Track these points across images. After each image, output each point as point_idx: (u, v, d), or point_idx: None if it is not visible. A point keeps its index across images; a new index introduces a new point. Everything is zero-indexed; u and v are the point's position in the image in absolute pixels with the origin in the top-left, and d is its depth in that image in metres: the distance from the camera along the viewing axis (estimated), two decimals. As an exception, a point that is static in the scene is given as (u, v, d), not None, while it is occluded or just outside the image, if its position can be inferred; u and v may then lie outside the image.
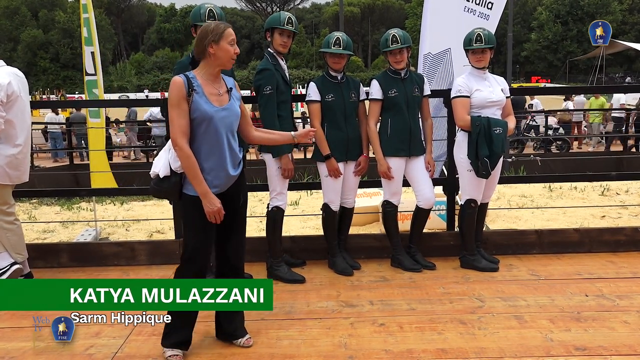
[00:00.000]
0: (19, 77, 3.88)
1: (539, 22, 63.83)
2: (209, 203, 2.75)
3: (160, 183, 2.86)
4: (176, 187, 2.83)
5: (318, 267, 4.25)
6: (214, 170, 2.79)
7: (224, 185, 2.84)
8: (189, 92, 2.71)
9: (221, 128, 2.77)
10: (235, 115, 2.86)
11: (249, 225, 7.26)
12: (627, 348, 2.90)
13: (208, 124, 2.74)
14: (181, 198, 2.87)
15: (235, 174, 2.88)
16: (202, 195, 2.74)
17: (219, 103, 2.80)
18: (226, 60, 2.80)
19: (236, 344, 3.02)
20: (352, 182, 4.20)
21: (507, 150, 11.86)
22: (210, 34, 2.74)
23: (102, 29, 65.03)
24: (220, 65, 2.81)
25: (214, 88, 2.81)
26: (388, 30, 4.13)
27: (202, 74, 2.80)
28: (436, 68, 5.58)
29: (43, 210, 8.78)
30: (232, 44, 2.78)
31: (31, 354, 3.00)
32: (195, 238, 2.85)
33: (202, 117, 2.73)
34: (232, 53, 2.79)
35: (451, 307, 3.49)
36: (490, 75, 4.13)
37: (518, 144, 15.30)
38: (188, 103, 2.71)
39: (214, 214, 2.76)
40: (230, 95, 2.87)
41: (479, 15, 5.53)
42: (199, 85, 2.76)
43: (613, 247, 4.48)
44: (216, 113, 2.75)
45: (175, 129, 2.71)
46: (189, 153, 2.71)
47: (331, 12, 75.58)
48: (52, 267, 4.41)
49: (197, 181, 2.73)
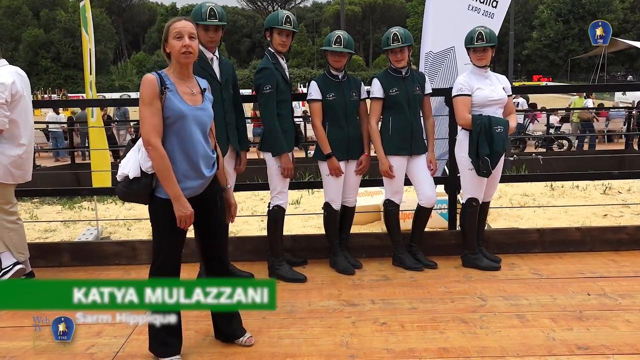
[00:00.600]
0: (21, 76, 3.89)
1: (540, 20, 63.75)
2: (181, 207, 2.62)
3: (130, 185, 2.71)
4: (146, 190, 2.69)
5: (319, 266, 4.25)
6: (187, 172, 2.68)
7: (198, 188, 2.74)
8: (162, 90, 2.61)
9: (195, 127, 2.67)
10: (209, 116, 2.78)
11: (250, 225, 7.28)
12: (629, 347, 2.89)
13: (182, 123, 2.64)
14: (151, 201, 2.73)
15: (210, 175, 2.77)
16: (174, 199, 2.62)
17: (193, 102, 2.71)
18: (177, 57, 2.66)
19: (238, 343, 3.01)
20: (354, 181, 4.19)
21: (509, 149, 11.84)
22: (164, 33, 2.69)
23: (104, 29, 65.15)
24: (178, 63, 2.68)
25: (186, 87, 2.72)
26: (389, 28, 4.12)
27: (172, 73, 2.72)
28: (438, 67, 5.56)
29: (45, 209, 8.79)
30: (177, 37, 2.64)
31: (32, 353, 3.00)
32: (166, 244, 2.75)
33: (176, 115, 2.63)
34: (179, 47, 2.63)
35: (453, 306, 3.48)
36: (491, 73, 4.12)
37: (520, 142, 15.28)
38: (161, 101, 2.61)
39: (185, 218, 2.64)
40: (204, 96, 2.79)
41: (483, 13, 5.51)
42: (172, 83, 2.67)
43: (615, 246, 4.47)
44: (190, 112, 2.66)
45: (148, 128, 2.59)
46: (163, 153, 2.60)
47: (332, 10, 75.53)
48: (54, 266, 4.41)
49: (170, 183, 2.61)
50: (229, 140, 3.81)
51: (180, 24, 2.67)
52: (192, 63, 2.74)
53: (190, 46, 2.65)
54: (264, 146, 3.97)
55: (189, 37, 2.65)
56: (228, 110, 3.79)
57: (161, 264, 2.76)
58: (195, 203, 2.73)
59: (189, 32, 2.66)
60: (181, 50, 2.64)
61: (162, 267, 2.75)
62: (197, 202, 2.74)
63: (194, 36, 2.69)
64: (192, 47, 2.66)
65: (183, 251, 2.85)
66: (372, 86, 4.11)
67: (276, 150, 3.89)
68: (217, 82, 3.71)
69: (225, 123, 3.77)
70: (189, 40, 2.65)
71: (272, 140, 3.88)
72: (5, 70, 3.81)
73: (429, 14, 5.54)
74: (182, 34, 2.64)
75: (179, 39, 2.64)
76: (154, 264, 2.77)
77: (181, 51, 2.64)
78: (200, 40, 3.68)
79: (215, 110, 3.68)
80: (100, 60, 64.38)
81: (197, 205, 2.74)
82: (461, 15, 5.40)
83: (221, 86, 3.73)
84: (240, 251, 4.40)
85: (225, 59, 3.87)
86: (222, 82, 3.74)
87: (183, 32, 2.64)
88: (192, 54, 2.68)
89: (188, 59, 2.68)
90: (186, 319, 3.28)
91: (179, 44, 2.63)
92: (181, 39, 2.64)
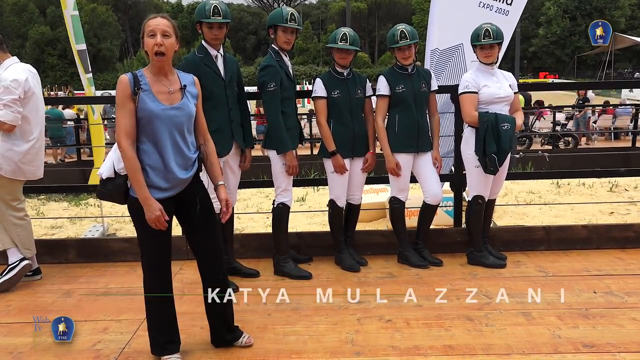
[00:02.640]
0: (33, 73, 3.96)
1: (547, 17, 63.36)
2: (148, 210, 2.58)
3: (105, 185, 2.72)
4: (120, 190, 2.69)
5: (325, 263, 4.25)
6: (158, 172, 2.64)
7: (171, 189, 2.68)
8: (135, 91, 2.57)
9: (167, 128, 2.62)
10: (187, 115, 2.69)
11: (255, 222, 7.30)
12: (635, 345, 2.88)
13: (154, 123, 2.59)
14: (127, 200, 2.71)
15: (184, 177, 2.70)
16: (142, 200, 2.58)
17: (169, 102, 2.64)
18: (151, 56, 2.60)
19: (237, 345, 2.97)
20: (359, 178, 4.19)
21: (515, 147, 11.80)
22: (141, 30, 2.65)
23: (110, 26, 65.31)
24: (153, 61, 2.62)
25: (163, 86, 2.65)
26: (395, 25, 4.10)
27: (150, 72, 2.66)
28: (445, 64, 5.53)
29: (51, 206, 8.83)
30: (151, 35, 2.58)
31: (39, 349, 3.01)
32: (149, 240, 2.71)
33: (148, 116, 2.58)
34: (151, 46, 2.57)
35: (458, 303, 3.48)
36: (498, 70, 4.10)
37: (526, 139, 15.23)
38: (134, 102, 2.57)
39: (153, 221, 2.59)
40: (183, 93, 2.71)
41: (496, 10, 5.41)
42: (146, 83, 2.61)
43: (621, 244, 4.45)
44: (163, 112, 2.60)
45: (119, 130, 2.57)
46: (131, 155, 2.56)
47: (338, 7, 75.35)
48: (60, 262, 4.44)
49: (138, 185, 2.58)
50: (233, 137, 3.81)
51: (154, 21, 2.62)
52: (166, 64, 2.66)
53: (163, 45, 2.58)
54: (268, 144, 3.97)
55: (161, 35, 2.59)
56: (232, 108, 3.79)
57: (149, 256, 2.74)
58: (173, 203, 2.72)
59: (162, 30, 2.59)
60: (153, 49, 2.58)
61: (151, 259, 2.74)
62: (175, 202, 2.73)
63: (167, 34, 2.61)
64: (164, 45, 2.59)
65: (188, 248, 2.83)
66: (378, 83, 4.10)
67: (281, 147, 3.88)
68: (222, 79, 3.71)
69: (230, 120, 3.77)
70: (160, 39, 2.58)
71: (276, 137, 3.88)
72: (18, 67, 3.87)
73: (435, 10, 5.50)
74: (154, 32, 2.59)
75: (152, 37, 2.59)
76: (143, 256, 2.76)
77: (153, 50, 2.58)
78: (204, 37, 3.69)
79: (220, 108, 3.71)
80: (107, 58, 64.56)
81: (176, 205, 2.74)
82: (471, 12, 5.33)
83: (225, 83, 3.73)
84: (246, 248, 4.42)
85: (229, 56, 3.87)
86: (226, 79, 3.74)
87: (156, 30, 2.59)
88: (164, 54, 2.61)
89: (159, 62, 2.62)
90: (191, 316, 3.31)
91: (151, 42, 2.58)
92: (154, 37, 2.58)
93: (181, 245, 4.27)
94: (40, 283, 4.05)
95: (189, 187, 2.76)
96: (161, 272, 2.78)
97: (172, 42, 2.64)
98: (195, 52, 3.72)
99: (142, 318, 3.11)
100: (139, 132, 2.62)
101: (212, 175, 2.90)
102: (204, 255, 2.87)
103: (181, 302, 3.51)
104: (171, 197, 2.71)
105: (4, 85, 3.71)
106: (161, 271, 2.78)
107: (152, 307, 2.80)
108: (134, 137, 2.61)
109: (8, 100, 3.69)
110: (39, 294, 3.84)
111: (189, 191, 2.76)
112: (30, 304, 3.67)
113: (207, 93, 3.39)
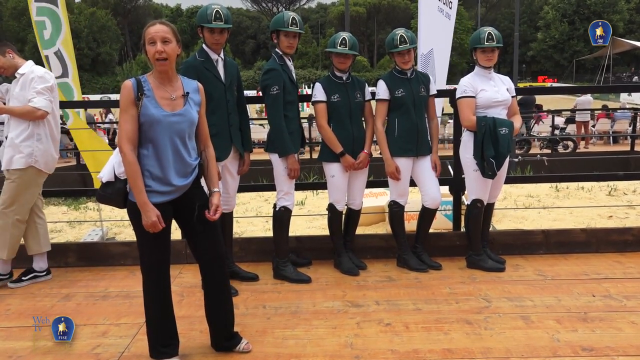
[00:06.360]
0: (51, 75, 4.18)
1: (545, 21, 63.58)
2: (145, 215, 2.60)
3: (105, 188, 2.74)
4: (120, 194, 2.72)
5: (324, 267, 4.26)
6: (158, 178, 2.66)
7: (169, 193, 2.69)
8: (138, 96, 2.59)
9: (168, 134, 2.63)
10: (189, 122, 2.70)
11: (254, 225, 7.29)
12: (634, 349, 2.88)
13: (155, 129, 2.61)
14: (126, 205, 2.73)
15: (182, 184, 2.71)
16: (140, 205, 2.60)
17: (171, 108, 2.65)
18: (153, 63, 2.62)
19: (237, 350, 2.97)
20: (359, 183, 4.20)
21: (514, 150, 11.81)
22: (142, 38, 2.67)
23: (109, 30, 65.31)
24: (156, 66, 2.64)
25: (166, 92, 2.67)
26: (394, 30, 4.12)
27: (153, 77, 2.68)
28: (426, 68, 5.62)
29: (50, 210, 8.83)
30: (151, 43, 2.60)
31: (38, 353, 3.01)
32: (148, 247, 2.72)
33: (150, 121, 2.59)
34: (152, 53, 2.60)
35: (457, 307, 3.48)
36: (495, 74, 4.12)
37: (524, 143, 15.25)
38: (137, 107, 2.59)
39: (150, 226, 2.61)
40: (186, 100, 2.72)
41: (445, 15, 5.58)
42: (149, 89, 2.64)
43: (620, 248, 4.47)
44: (165, 118, 2.61)
45: (121, 134, 2.58)
46: (132, 160, 2.58)
47: (337, 12, 75.56)
48: (60, 266, 4.44)
49: (136, 190, 2.60)
50: (232, 141, 3.82)
51: (154, 28, 2.62)
52: (169, 69, 2.67)
53: (164, 52, 2.60)
54: (270, 147, 3.97)
55: (161, 41, 2.60)
56: (231, 112, 3.79)
57: (149, 260, 2.75)
58: (172, 207, 2.73)
59: (162, 37, 2.61)
60: (154, 56, 2.60)
61: (150, 262, 2.75)
62: (174, 206, 2.74)
63: (167, 40, 2.62)
64: (165, 52, 2.60)
65: (188, 252, 2.84)
66: (377, 88, 4.11)
67: (283, 151, 3.89)
68: (222, 83, 3.72)
69: (229, 124, 3.78)
70: (161, 46, 2.60)
71: (279, 141, 3.88)
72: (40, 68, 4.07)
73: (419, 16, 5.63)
74: (154, 39, 2.60)
75: (152, 45, 2.61)
76: (142, 260, 2.77)
77: (155, 57, 2.61)
78: (205, 42, 3.70)
79: (219, 112, 3.72)
80: (106, 62, 64.53)
81: (176, 209, 2.75)
82: (433, 18, 5.51)
83: (225, 88, 3.74)
84: (245, 252, 4.42)
85: (230, 60, 3.88)
86: (226, 83, 3.75)
87: (155, 37, 2.60)
88: (167, 60, 2.62)
89: (163, 66, 2.64)
90: (191, 320, 3.31)
91: (152, 50, 2.60)
92: (154, 44, 2.60)
93: (180, 249, 4.27)
94: (40, 287, 4.05)
95: (188, 192, 2.77)
96: (160, 275, 2.78)
97: (173, 47, 2.65)
98: (196, 55, 3.73)
99: (142, 322, 3.12)
100: (140, 137, 2.64)
101: (209, 181, 2.90)
102: (204, 259, 2.88)
103: (180, 306, 3.52)
104: (170, 201, 2.72)
105: (38, 75, 3.91)
106: (160, 275, 2.78)
107: (151, 311, 2.80)
108: (136, 142, 2.63)
109: (42, 88, 3.89)
110: (38, 298, 3.84)
111: (188, 196, 2.77)
112: (30, 307, 3.66)
113: (206, 97, 3.38)
